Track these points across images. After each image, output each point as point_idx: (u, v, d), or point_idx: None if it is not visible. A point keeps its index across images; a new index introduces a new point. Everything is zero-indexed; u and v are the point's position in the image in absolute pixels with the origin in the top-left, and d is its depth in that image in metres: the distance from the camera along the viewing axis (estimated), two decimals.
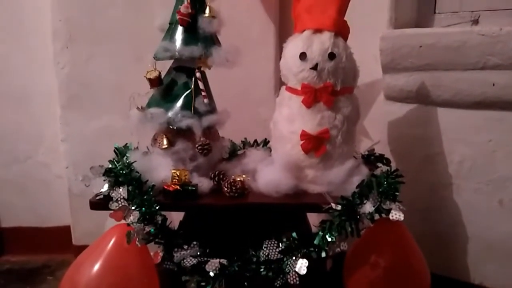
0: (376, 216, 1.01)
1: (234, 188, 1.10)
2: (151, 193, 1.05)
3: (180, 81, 1.21)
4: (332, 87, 1.11)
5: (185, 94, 1.18)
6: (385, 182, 1.05)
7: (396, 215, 1.00)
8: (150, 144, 1.23)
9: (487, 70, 1.23)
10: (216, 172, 1.15)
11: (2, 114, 1.76)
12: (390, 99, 1.44)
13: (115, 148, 1.19)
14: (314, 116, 1.12)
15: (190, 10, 1.14)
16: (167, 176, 1.11)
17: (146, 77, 1.18)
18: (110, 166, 1.12)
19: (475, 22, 1.39)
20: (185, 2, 1.14)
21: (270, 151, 1.26)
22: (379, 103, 1.47)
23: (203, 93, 1.18)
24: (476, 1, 1.39)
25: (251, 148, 1.37)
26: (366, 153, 1.31)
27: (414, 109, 1.41)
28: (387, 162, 1.26)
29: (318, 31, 1.12)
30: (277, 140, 1.21)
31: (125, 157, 1.15)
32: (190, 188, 1.08)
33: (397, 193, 1.03)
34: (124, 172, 1.08)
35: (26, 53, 1.72)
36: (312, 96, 1.12)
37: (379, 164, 1.25)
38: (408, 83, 1.37)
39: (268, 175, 1.13)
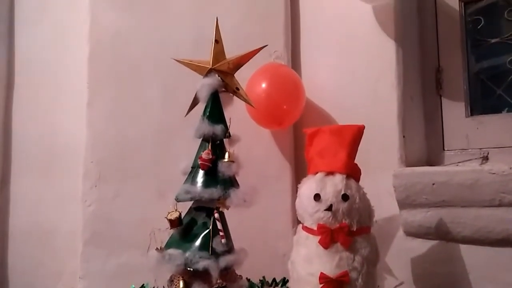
0: None
1: None
2: None
3: (199, 220, 1.25)
4: (348, 228, 1.12)
5: (203, 234, 1.21)
6: None
7: None
8: (167, 285, 1.22)
9: (504, 207, 1.23)
10: None
11: (26, 250, 1.80)
12: (410, 235, 1.41)
13: None
14: (332, 258, 1.11)
15: (211, 156, 1.23)
16: None
17: (167, 218, 1.22)
18: None
19: (485, 158, 1.43)
20: (207, 149, 1.24)
21: None
22: (399, 239, 1.44)
23: (221, 233, 1.20)
24: (484, 139, 1.44)
25: None
26: None
27: (436, 245, 1.37)
28: None
29: (330, 173, 1.18)
30: (295, 282, 1.17)
31: None
32: None
33: None
34: None
35: (56, 192, 1.81)
36: (328, 236, 1.12)
37: None
38: (426, 219, 1.36)
39: None
